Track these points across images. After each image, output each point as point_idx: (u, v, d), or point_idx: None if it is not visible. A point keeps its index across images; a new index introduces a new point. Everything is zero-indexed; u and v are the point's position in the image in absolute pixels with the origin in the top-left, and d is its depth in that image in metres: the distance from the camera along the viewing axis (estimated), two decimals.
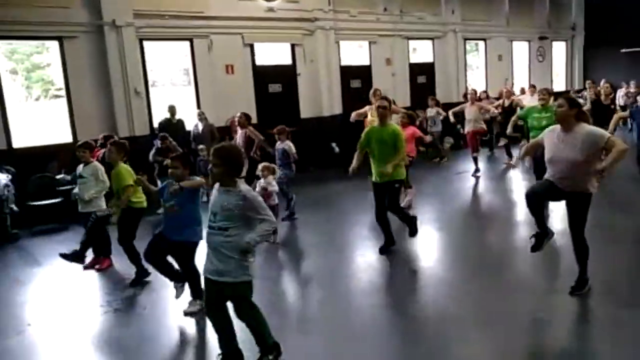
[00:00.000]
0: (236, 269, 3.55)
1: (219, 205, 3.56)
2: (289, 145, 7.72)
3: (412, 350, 4.13)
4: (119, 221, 5.81)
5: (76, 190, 6.33)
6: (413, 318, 4.67)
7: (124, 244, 5.70)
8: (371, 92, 8.81)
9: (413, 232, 6.43)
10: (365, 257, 6.41)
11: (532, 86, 13.22)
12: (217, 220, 3.56)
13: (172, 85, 12.17)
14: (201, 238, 4.86)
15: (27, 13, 8.74)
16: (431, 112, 12.66)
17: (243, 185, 3.61)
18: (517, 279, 5.39)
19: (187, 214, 4.77)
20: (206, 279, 3.67)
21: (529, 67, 17.76)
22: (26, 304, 5.64)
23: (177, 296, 5.07)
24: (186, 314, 4.87)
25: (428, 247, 6.48)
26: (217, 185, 3.67)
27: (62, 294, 5.70)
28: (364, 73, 13.45)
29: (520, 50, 17.59)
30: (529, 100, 11.71)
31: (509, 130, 8.49)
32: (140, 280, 5.71)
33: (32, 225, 8.20)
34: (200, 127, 10.08)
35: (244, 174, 3.96)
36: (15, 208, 7.91)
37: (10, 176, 7.94)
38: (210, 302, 3.73)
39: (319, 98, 12.43)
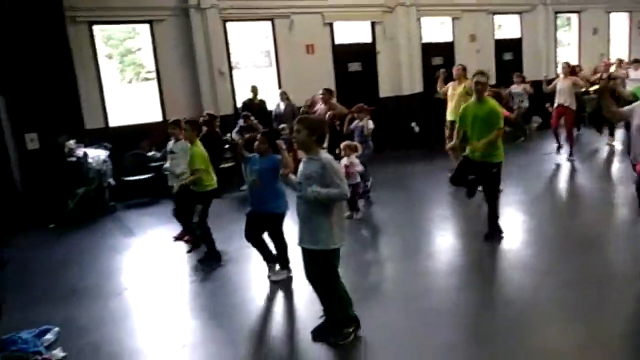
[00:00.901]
0: (323, 237, 3.63)
1: (303, 175, 3.68)
2: (366, 122, 7.67)
3: (488, 329, 4.03)
4: (182, 199, 5.99)
5: (167, 165, 6.67)
6: (492, 300, 4.55)
7: (201, 227, 5.90)
8: (455, 68, 8.59)
9: (493, 225, 5.87)
10: (445, 237, 6.32)
11: (636, 60, 12.17)
12: (303, 189, 3.67)
13: (254, 67, 12.47)
14: (287, 209, 5.03)
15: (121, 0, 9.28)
16: (516, 89, 12.08)
17: (324, 154, 3.69)
18: (607, 263, 5.10)
19: (270, 187, 4.93)
20: (301, 248, 3.82)
21: (629, 41, 16.40)
22: (122, 270, 6.11)
23: (270, 276, 5.21)
24: (272, 281, 5.09)
25: (513, 230, 6.23)
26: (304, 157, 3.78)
27: (154, 262, 6.09)
28: (446, 50, 13.04)
29: (619, 22, 16.27)
30: (635, 75, 10.85)
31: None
32: (210, 260, 5.84)
33: (127, 198, 8.78)
34: (282, 106, 10.26)
35: (325, 144, 4.03)
36: (112, 182, 8.50)
37: (108, 152, 8.52)
38: (306, 270, 3.86)
39: (399, 76, 12.22)
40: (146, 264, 6.09)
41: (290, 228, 5.01)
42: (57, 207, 7.90)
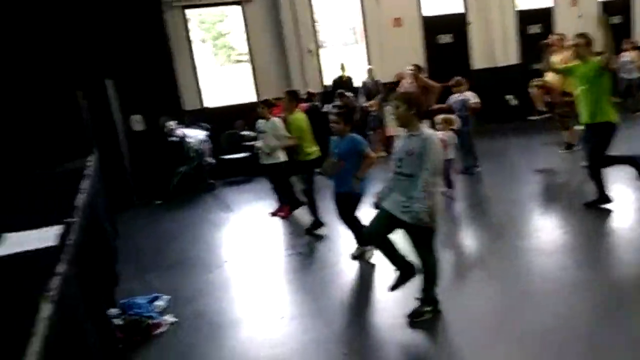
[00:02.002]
0: (423, 214, 3.59)
1: (404, 151, 3.64)
2: (467, 95, 7.42)
3: (591, 314, 3.76)
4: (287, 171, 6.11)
5: (258, 144, 6.87)
6: (597, 283, 4.24)
7: (307, 194, 6.03)
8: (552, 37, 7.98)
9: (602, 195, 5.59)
10: (547, 214, 6.00)
11: None
12: (404, 166, 3.64)
13: (341, 45, 12.42)
14: (366, 192, 4.99)
15: None
16: (625, 57, 11.07)
17: (426, 130, 3.62)
18: None
19: (351, 168, 4.90)
20: (388, 215, 3.77)
21: None
22: (222, 243, 6.42)
23: (367, 257, 5.21)
24: (354, 257, 5.15)
25: (624, 207, 5.72)
26: (402, 132, 3.74)
27: (251, 237, 6.33)
28: (544, 17, 12.21)
29: None
30: None
31: None
32: (313, 231, 6.01)
33: (225, 176, 9.19)
34: (370, 83, 10.17)
35: None
36: (211, 161, 8.92)
37: (206, 132, 8.93)
38: (378, 233, 3.84)
39: (492, 47, 11.65)
40: (244, 238, 6.35)
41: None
42: (162, 185, 8.44)
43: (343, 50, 12.09)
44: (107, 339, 3.11)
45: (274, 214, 6.91)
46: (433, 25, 11.44)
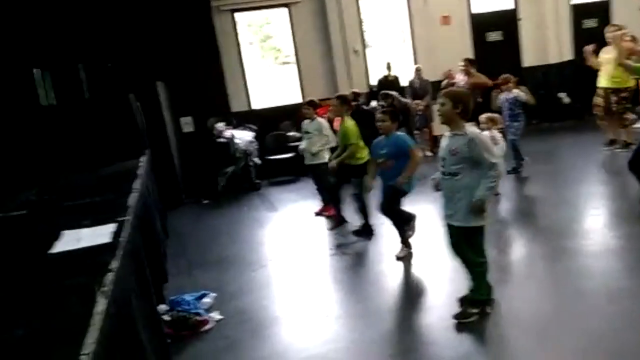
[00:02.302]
0: (468, 214, 3.55)
1: (448, 150, 3.60)
2: (518, 92, 7.23)
3: None
4: (339, 175, 6.12)
5: (302, 145, 6.91)
6: None
7: (357, 199, 6.01)
8: (608, 30, 7.63)
9: None
10: (598, 216, 5.78)
11: None
12: (447, 165, 3.61)
13: (387, 44, 12.34)
14: (412, 188, 4.97)
15: None
16: None
17: (470, 128, 3.57)
18: None
19: (399, 166, 4.88)
20: (447, 224, 3.77)
21: None
22: (267, 242, 6.51)
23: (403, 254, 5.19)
24: (398, 258, 5.10)
25: None
26: (446, 132, 3.71)
27: (296, 236, 6.39)
28: (600, 10, 11.72)
29: None
30: None
31: None
32: (363, 233, 5.95)
33: (270, 176, 9.32)
34: (417, 83, 10.07)
35: None
36: (258, 161, 9.07)
37: (253, 133, 9.09)
38: (452, 245, 3.79)
39: (544, 44, 11.28)
40: (288, 236, 6.42)
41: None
42: (209, 185, 8.65)
43: (389, 50, 11.99)
44: (157, 334, 3.22)
45: (318, 214, 6.94)
46: (482, 22, 11.21)
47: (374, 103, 8.97)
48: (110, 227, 2.96)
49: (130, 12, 8.23)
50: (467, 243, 3.72)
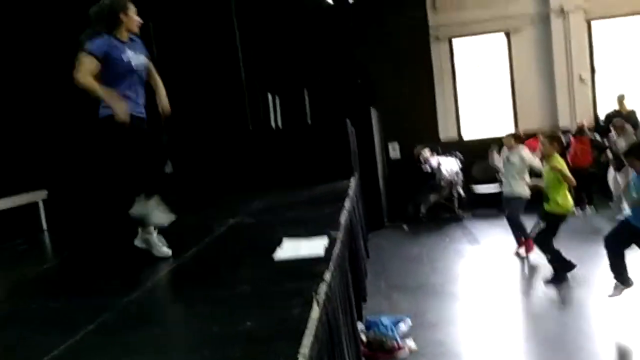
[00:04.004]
0: None
1: None
2: None
3: None
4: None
5: (502, 176, 6.72)
6: None
7: (542, 246, 5.55)
8: None
9: None
10: None
11: None
12: None
13: (622, 72, 10.99)
14: None
15: (479, 13, 9.56)
16: None
17: None
18: None
19: None
20: None
21: None
22: (467, 273, 6.31)
23: (611, 294, 4.68)
24: (609, 296, 4.65)
25: None
26: None
27: (498, 271, 6.07)
28: None
29: None
30: None
31: None
32: (559, 280, 5.42)
33: (475, 207, 9.02)
34: None
35: None
36: (462, 192, 8.87)
37: (460, 163, 8.94)
38: None
39: None
40: (490, 271, 6.12)
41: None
42: (411, 211, 8.72)
43: (623, 78, 10.65)
44: (355, 350, 3.33)
45: (519, 252, 6.50)
46: None
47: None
48: (324, 241, 3.18)
49: (349, 40, 8.80)
50: None
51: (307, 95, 8.02)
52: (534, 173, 6.37)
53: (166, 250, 3.36)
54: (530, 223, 6.06)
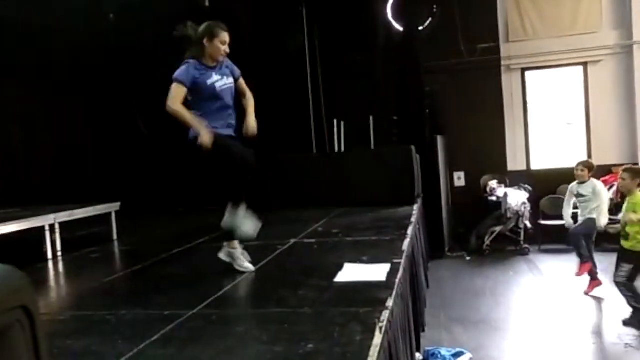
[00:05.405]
0: None
1: None
2: None
3: None
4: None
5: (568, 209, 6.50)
6: None
7: (622, 286, 5.21)
8: None
9: None
10: None
11: None
12: None
13: None
14: None
15: (554, 43, 9.29)
16: None
17: None
18: None
19: None
20: None
21: None
22: (530, 309, 5.98)
23: None
24: None
25: None
26: None
27: (566, 310, 5.76)
28: None
29: None
30: None
31: None
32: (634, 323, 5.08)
33: (542, 242, 8.64)
34: None
35: None
36: (529, 225, 8.54)
37: (527, 195, 8.63)
38: None
39: None
40: (558, 309, 5.83)
41: None
42: (475, 241, 8.49)
43: None
44: None
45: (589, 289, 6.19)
46: None
47: None
48: (386, 267, 3.17)
49: (419, 68, 8.78)
50: None
51: (372, 122, 8.05)
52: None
53: (248, 265, 3.44)
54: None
